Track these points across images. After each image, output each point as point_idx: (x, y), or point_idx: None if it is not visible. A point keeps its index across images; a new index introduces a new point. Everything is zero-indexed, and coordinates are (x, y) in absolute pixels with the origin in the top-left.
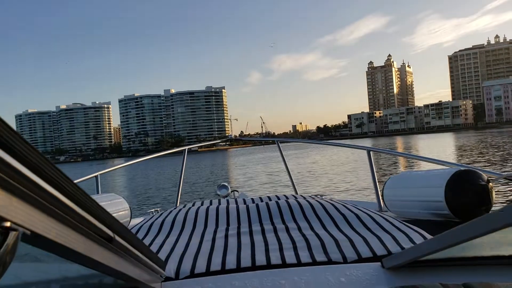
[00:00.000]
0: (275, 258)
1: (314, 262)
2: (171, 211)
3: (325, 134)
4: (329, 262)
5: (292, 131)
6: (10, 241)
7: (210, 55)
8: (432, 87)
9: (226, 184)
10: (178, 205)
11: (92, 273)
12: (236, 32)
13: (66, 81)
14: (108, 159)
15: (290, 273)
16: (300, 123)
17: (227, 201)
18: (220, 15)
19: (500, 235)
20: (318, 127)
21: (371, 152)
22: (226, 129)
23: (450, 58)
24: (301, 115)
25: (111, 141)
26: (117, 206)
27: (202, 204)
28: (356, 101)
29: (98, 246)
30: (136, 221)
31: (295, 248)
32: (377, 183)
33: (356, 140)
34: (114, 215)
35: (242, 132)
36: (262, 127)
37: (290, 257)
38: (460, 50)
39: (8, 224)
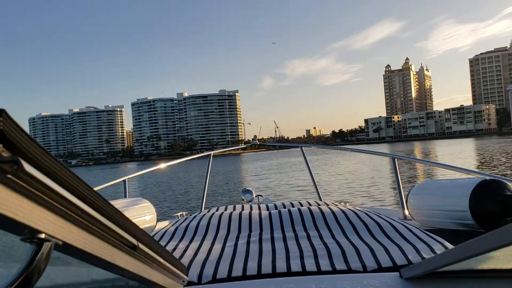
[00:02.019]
0: (295, 266)
1: (334, 271)
2: (195, 216)
3: (341, 139)
4: (349, 270)
5: (306, 136)
6: (44, 251)
7: (223, 60)
8: (449, 93)
9: (250, 189)
10: (203, 209)
11: (117, 277)
12: (249, 37)
13: (80, 84)
14: (120, 163)
15: (309, 281)
16: (314, 128)
17: (251, 206)
18: (234, 20)
19: None
20: (333, 131)
21: (396, 159)
22: (239, 133)
23: (471, 61)
24: (314, 120)
25: (124, 145)
26: (143, 210)
27: (225, 209)
28: (371, 106)
29: (122, 253)
30: (162, 224)
31: (315, 256)
32: (402, 191)
33: (374, 146)
34: (140, 219)
35: (255, 136)
36: (275, 131)
37: (310, 265)
38: (481, 53)
39: (43, 235)
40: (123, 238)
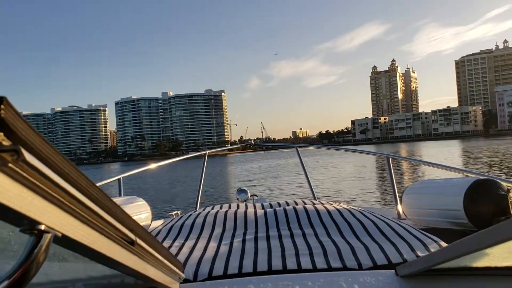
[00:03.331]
0: (291, 264)
1: (330, 268)
2: (190, 214)
3: (328, 140)
4: (344, 268)
5: (292, 137)
6: (43, 242)
7: (209, 59)
8: (432, 95)
9: (245, 188)
10: (198, 208)
11: (113, 273)
12: (235, 37)
13: (62, 83)
14: (103, 163)
15: (305, 278)
16: (300, 129)
17: (246, 205)
18: (219, 19)
19: None
20: (320, 132)
21: (390, 158)
22: (226, 133)
23: (457, 63)
24: (301, 121)
25: (107, 145)
26: (139, 209)
27: (221, 208)
28: (357, 107)
29: (120, 248)
30: (157, 223)
31: (311, 254)
32: (396, 191)
33: (361, 147)
34: (135, 217)
35: (242, 137)
36: (262, 132)
37: (306, 263)
38: (467, 55)
39: (42, 227)
40: (121, 232)
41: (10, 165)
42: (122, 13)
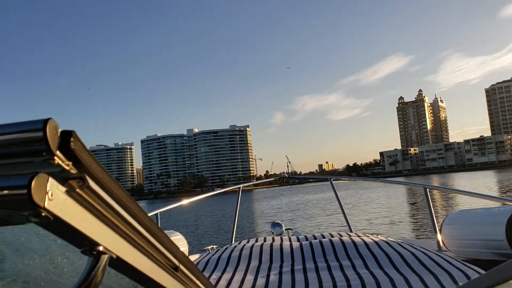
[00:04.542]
0: None
1: None
2: (226, 248)
3: (357, 173)
4: None
5: (318, 171)
6: (101, 263)
7: (233, 97)
8: (461, 125)
9: (280, 222)
10: (233, 242)
11: None
12: (258, 74)
13: (90, 122)
14: None
15: None
16: (327, 162)
17: (281, 238)
18: (243, 57)
19: None
20: (347, 165)
21: (428, 189)
22: (251, 168)
23: (487, 91)
24: (326, 154)
25: (133, 183)
26: (177, 243)
27: (256, 241)
28: (383, 139)
29: (165, 273)
30: (193, 258)
31: (349, 286)
32: (435, 221)
33: (391, 180)
34: None
35: (267, 171)
36: (288, 166)
37: None
38: (497, 83)
39: (101, 248)
40: (167, 258)
41: (77, 190)
42: (146, 50)
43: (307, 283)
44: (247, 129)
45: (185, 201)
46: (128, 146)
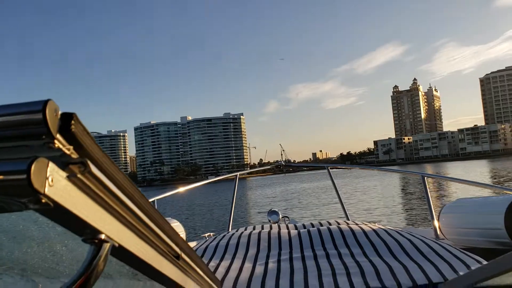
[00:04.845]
0: (328, 284)
1: None
2: (224, 235)
3: (350, 162)
4: None
5: (312, 159)
6: (103, 252)
7: (227, 85)
8: (454, 114)
9: (276, 210)
10: (230, 229)
11: None
12: (252, 62)
13: (82, 109)
14: None
15: None
16: (320, 151)
17: (279, 226)
18: (238, 46)
19: None
20: (341, 154)
21: (426, 178)
22: (245, 157)
23: (481, 80)
24: (320, 143)
25: (127, 171)
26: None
27: (254, 229)
28: (377, 128)
29: (167, 262)
30: (191, 245)
31: (348, 274)
32: (433, 210)
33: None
34: None
35: (261, 160)
36: (281, 155)
37: (343, 283)
38: (492, 72)
39: (103, 236)
40: (169, 246)
41: (78, 176)
42: (140, 38)
43: (306, 271)
44: (241, 117)
45: (181, 189)
46: (121, 134)
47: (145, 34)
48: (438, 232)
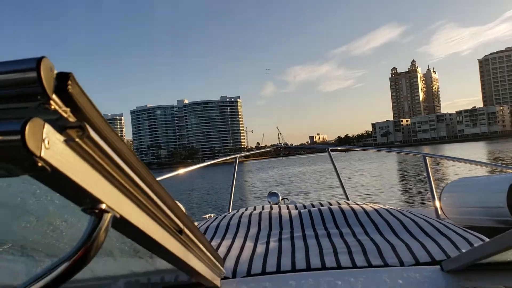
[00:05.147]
0: (330, 262)
1: (370, 266)
2: (225, 216)
3: (348, 144)
4: (386, 266)
5: (309, 142)
6: (104, 222)
7: (224, 68)
8: (451, 96)
9: (276, 191)
10: (230, 210)
11: (156, 269)
12: (249, 44)
13: None
14: None
15: (346, 274)
16: (318, 134)
17: (279, 206)
18: (235, 28)
19: None
20: (339, 137)
21: (427, 158)
22: (242, 140)
23: (480, 62)
24: (317, 126)
25: None
26: None
27: (254, 209)
28: (375, 111)
29: (170, 236)
30: None
31: (350, 253)
32: (434, 190)
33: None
34: None
35: (258, 143)
36: (279, 138)
37: (345, 261)
38: (491, 53)
39: (103, 206)
40: (171, 220)
41: (76, 140)
42: (135, 21)
43: (307, 249)
44: (238, 100)
45: (181, 170)
46: (117, 117)
47: (143, 16)
48: (440, 211)
